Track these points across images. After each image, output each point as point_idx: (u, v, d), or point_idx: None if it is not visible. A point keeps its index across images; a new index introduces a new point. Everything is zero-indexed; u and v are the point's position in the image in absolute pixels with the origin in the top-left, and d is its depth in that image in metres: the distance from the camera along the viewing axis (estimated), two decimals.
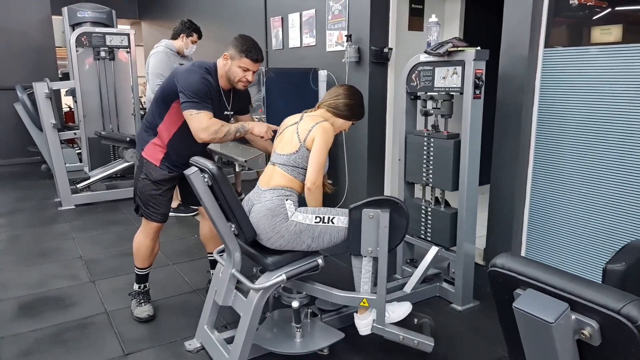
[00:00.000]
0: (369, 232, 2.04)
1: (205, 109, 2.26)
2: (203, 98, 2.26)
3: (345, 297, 2.17)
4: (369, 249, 2.06)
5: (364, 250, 2.07)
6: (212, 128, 2.26)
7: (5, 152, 6.95)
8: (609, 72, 2.32)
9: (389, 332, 2.16)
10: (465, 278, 2.68)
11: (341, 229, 2.10)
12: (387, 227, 2.01)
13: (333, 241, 2.11)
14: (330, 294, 2.19)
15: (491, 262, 1.10)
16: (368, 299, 2.12)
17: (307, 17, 4.26)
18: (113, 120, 5.36)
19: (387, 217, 2.00)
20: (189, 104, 2.24)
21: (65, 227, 4.23)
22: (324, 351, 2.20)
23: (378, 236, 2.04)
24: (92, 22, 6.26)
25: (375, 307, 2.14)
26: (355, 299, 2.15)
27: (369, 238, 2.05)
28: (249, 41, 2.35)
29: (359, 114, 2.35)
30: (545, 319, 0.93)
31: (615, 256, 1.32)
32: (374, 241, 2.05)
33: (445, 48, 2.45)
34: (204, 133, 2.26)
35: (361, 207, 2.03)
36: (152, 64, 3.93)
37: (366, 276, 2.11)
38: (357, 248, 2.08)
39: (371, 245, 2.06)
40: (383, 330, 2.15)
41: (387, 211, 2.01)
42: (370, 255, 2.08)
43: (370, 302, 2.13)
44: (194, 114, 2.24)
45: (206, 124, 2.25)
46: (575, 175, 2.52)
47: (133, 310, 2.63)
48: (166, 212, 2.55)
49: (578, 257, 2.56)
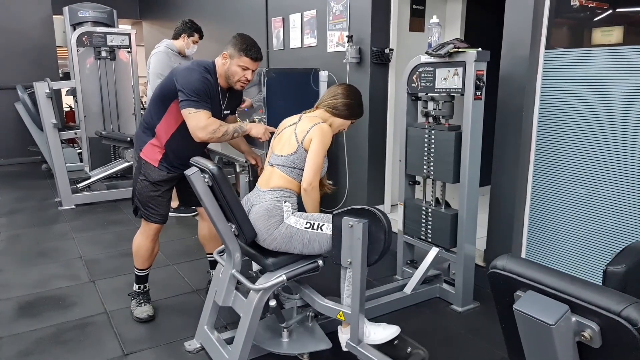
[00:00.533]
0: (348, 242, 1.92)
1: (203, 108, 2.24)
2: (202, 97, 2.25)
3: (325, 306, 2.09)
4: (348, 259, 1.94)
5: (344, 260, 1.95)
6: (210, 127, 2.25)
7: (5, 151, 6.96)
8: (610, 73, 2.32)
9: (360, 352, 2.01)
10: (466, 279, 2.68)
11: (329, 236, 2.03)
12: (361, 239, 1.86)
13: (323, 248, 2.05)
14: (313, 300, 2.14)
15: (491, 263, 1.10)
16: (344, 312, 2.01)
17: (308, 17, 4.26)
18: (114, 120, 5.37)
19: (361, 228, 1.85)
20: (187, 103, 2.22)
21: (66, 227, 4.23)
22: (304, 357, 2.15)
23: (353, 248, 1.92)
24: (93, 21, 6.28)
25: (349, 322, 2.02)
26: (333, 310, 2.06)
27: (348, 248, 1.93)
28: (248, 40, 2.34)
29: (358, 113, 2.35)
30: (546, 321, 0.93)
31: (616, 258, 1.32)
32: (352, 252, 1.93)
33: (447, 49, 2.45)
34: (202, 132, 2.24)
35: (343, 215, 1.92)
36: (152, 64, 3.93)
37: (349, 288, 2.00)
38: (338, 257, 1.97)
39: (350, 256, 1.93)
40: (356, 349, 2.02)
41: (362, 222, 1.85)
42: (349, 267, 1.96)
43: (346, 315, 2.01)
44: (192, 113, 2.23)
45: (204, 123, 2.23)
46: (575, 176, 2.52)
47: (133, 310, 2.63)
48: (166, 213, 2.54)
49: (578, 258, 2.56)
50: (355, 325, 2.00)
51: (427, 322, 2.60)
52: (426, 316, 2.66)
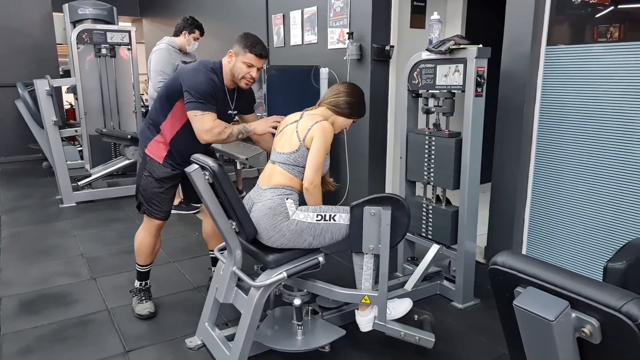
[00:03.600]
0: (370, 229, 2.05)
1: (209, 110, 2.27)
2: (208, 99, 2.26)
3: (347, 294, 2.18)
4: (370, 246, 2.07)
5: (365, 247, 2.08)
6: (215, 130, 2.28)
7: (6, 149, 6.95)
8: (612, 70, 2.31)
9: (390, 329, 2.17)
10: (466, 276, 2.68)
11: (343, 226, 2.10)
12: (389, 224, 2.02)
13: (334, 238, 2.12)
14: (332, 292, 2.20)
15: (492, 260, 1.10)
16: (370, 296, 2.13)
17: (309, 14, 4.26)
18: (114, 118, 5.36)
19: (388, 215, 2.01)
20: (193, 105, 2.25)
21: (67, 224, 4.24)
22: (325, 348, 2.20)
23: (380, 233, 2.04)
24: (93, 19, 6.25)
25: (376, 304, 2.15)
26: (357, 296, 2.16)
27: (370, 235, 2.06)
28: (253, 37, 2.35)
29: (360, 111, 2.35)
30: (546, 317, 0.93)
31: (617, 254, 1.32)
32: (376, 239, 2.06)
33: (447, 46, 2.45)
34: (207, 135, 2.28)
35: (363, 205, 2.04)
36: (153, 61, 3.93)
37: (367, 273, 2.12)
38: (358, 245, 2.09)
39: (372, 243, 2.06)
40: (385, 327, 2.17)
41: (388, 209, 2.02)
42: (371, 253, 2.09)
43: (372, 299, 2.14)
44: (198, 115, 2.25)
45: (209, 125, 2.26)
46: (576, 172, 2.52)
47: (134, 307, 2.63)
48: (168, 210, 2.55)
49: (579, 255, 2.56)
50: (383, 305, 2.14)
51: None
52: (426, 311, 2.66)
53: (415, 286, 2.71)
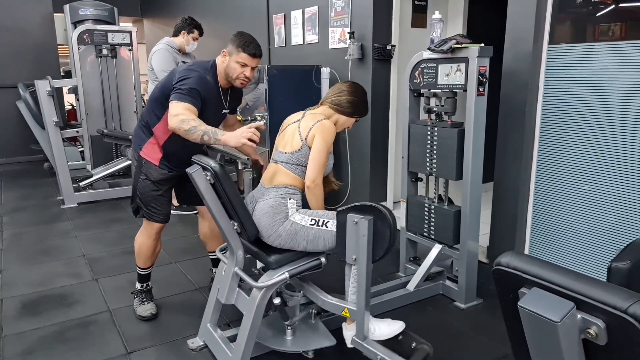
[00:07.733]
0: (352, 239, 1.90)
1: (186, 101, 2.17)
2: (192, 93, 2.20)
3: (329, 303, 2.08)
4: (353, 256, 1.92)
5: (349, 257, 1.94)
6: (180, 117, 2.12)
7: (7, 150, 6.96)
8: (614, 69, 2.30)
9: (366, 349, 1.99)
10: (469, 276, 2.67)
11: (334, 234, 2.02)
12: (366, 236, 1.84)
13: (327, 245, 2.05)
14: (317, 297, 2.13)
15: (496, 260, 1.09)
16: (349, 309, 2.00)
17: (310, 14, 4.25)
18: (115, 118, 5.36)
19: (366, 225, 1.83)
20: (175, 95, 2.19)
21: (68, 225, 4.23)
22: (308, 354, 2.16)
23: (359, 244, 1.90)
24: (94, 19, 6.26)
25: (355, 319, 2.01)
26: (338, 307, 2.04)
27: (352, 245, 1.91)
28: (247, 36, 2.32)
29: (362, 111, 2.34)
30: (551, 318, 0.92)
31: (620, 254, 1.31)
32: (357, 249, 1.91)
33: (449, 45, 2.44)
34: (172, 120, 2.14)
35: (347, 212, 1.90)
36: (156, 61, 3.92)
37: (354, 285, 1.98)
38: (343, 254, 1.96)
39: (355, 253, 1.91)
40: (361, 345, 2.01)
41: (367, 219, 1.83)
42: (354, 264, 1.94)
43: (351, 312, 2.00)
44: (173, 103, 2.18)
45: (177, 111, 2.14)
46: (579, 172, 2.51)
47: (136, 308, 2.63)
48: (168, 212, 2.53)
49: (582, 255, 2.55)
50: (361, 321, 1.98)
51: (430, 319, 2.60)
52: (429, 313, 2.66)
53: (418, 286, 2.71)
